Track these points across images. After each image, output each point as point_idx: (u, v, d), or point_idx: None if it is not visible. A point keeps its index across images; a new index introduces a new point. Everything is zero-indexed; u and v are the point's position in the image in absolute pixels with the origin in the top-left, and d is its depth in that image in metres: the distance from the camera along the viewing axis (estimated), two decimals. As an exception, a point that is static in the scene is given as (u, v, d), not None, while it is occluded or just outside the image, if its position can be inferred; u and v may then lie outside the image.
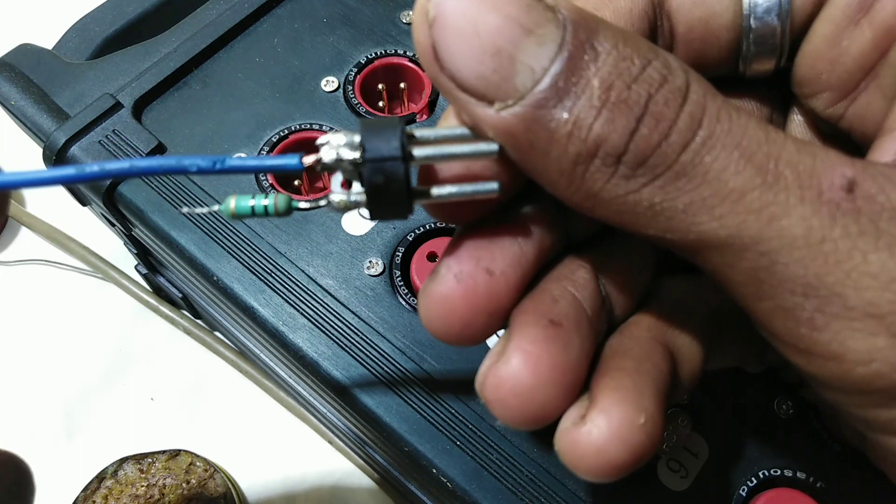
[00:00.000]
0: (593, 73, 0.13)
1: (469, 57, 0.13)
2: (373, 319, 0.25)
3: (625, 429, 0.15)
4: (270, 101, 0.29)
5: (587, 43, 0.13)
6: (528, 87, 0.13)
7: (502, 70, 0.13)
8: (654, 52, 0.13)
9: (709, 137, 0.13)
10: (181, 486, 0.34)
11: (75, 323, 0.41)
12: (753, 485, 0.22)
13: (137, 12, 0.33)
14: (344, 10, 0.32)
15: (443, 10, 0.13)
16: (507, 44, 0.13)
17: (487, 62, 0.13)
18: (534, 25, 0.13)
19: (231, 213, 0.15)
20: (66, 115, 0.29)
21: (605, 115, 0.13)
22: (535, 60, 0.13)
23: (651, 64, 0.13)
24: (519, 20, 0.13)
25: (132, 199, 0.27)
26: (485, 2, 0.13)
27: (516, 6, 0.13)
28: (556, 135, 0.13)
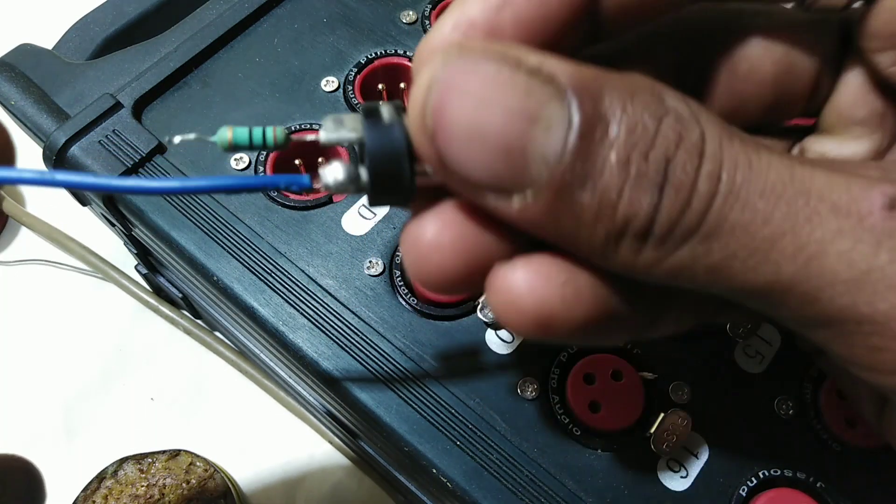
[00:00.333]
0: (609, 148, 0.12)
1: (479, 161, 0.13)
2: (373, 319, 0.25)
3: (540, 281, 0.14)
4: (270, 101, 0.29)
5: (596, 114, 0.12)
6: (545, 175, 0.12)
7: (515, 165, 0.12)
8: (663, 103, 0.13)
9: (730, 192, 0.13)
10: (181, 486, 0.34)
11: (75, 323, 0.41)
12: (753, 485, 0.22)
13: (137, 12, 0.33)
14: (344, 10, 0.32)
15: (441, 121, 0.13)
16: (515, 139, 0.12)
17: (499, 162, 0.12)
18: (537, 111, 0.12)
19: (227, 144, 0.15)
20: (66, 115, 0.29)
21: (627, 193, 0.12)
22: (546, 148, 0.12)
23: (664, 121, 0.12)
24: (521, 110, 0.12)
25: (132, 199, 0.27)
26: (482, 101, 0.12)
27: (515, 95, 0.12)
28: (582, 219, 0.13)
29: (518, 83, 0.12)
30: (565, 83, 0.12)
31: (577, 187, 0.12)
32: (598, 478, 0.22)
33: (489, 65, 0.12)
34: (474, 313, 0.25)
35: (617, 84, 0.13)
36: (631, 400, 0.23)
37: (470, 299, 0.25)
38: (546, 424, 0.23)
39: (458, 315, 0.25)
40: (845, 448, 0.23)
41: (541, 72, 0.12)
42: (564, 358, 0.24)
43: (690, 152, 0.12)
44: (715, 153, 0.13)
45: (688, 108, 0.13)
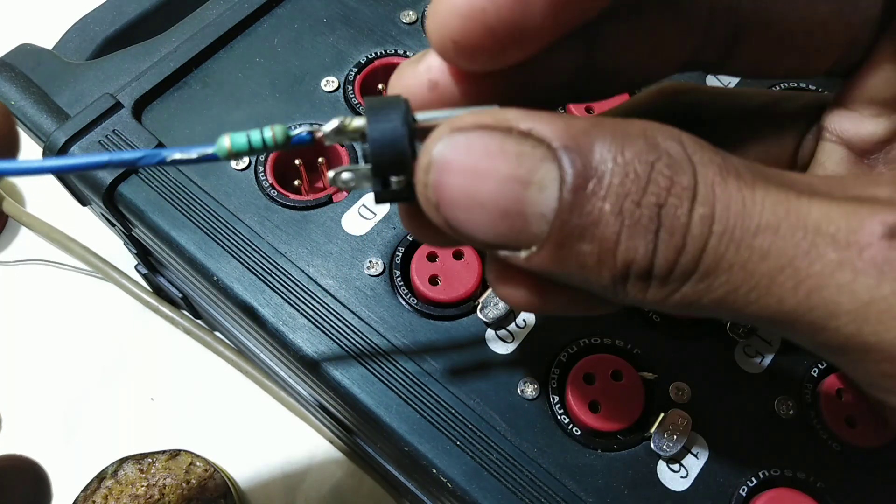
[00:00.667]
0: (602, 199, 0.13)
1: (482, 226, 0.14)
2: (373, 319, 0.25)
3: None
4: (270, 101, 0.29)
5: (587, 169, 0.13)
6: (546, 230, 0.13)
7: (516, 226, 0.13)
8: (655, 147, 0.13)
9: (724, 233, 0.13)
10: (181, 486, 0.34)
11: (75, 323, 0.41)
12: (753, 485, 0.22)
13: (137, 12, 0.33)
14: (344, 10, 0.32)
15: (442, 197, 0.14)
16: (511, 204, 0.13)
17: (500, 225, 0.13)
18: (529, 174, 0.13)
19: (227, 153, 0.15)
20: (66, 115, 0.29)
21: (625, 240, 0.13)
22: (543, 207, 0.13)
23: (655, 167, 0.13)
24: (514, 176, 0.13)
25: (132, 199, 0.27)
26: (476, 174, 0.13)
27: (506, 162, 0.13)
28: (586, 266, 0.13)
29: (508, 151, 0.13)
30: (555, 143, 0.13)
31: (576, 238, 0.13)
32: (598, 478, 0.22)
33: (479, 138, 0.13)
34: (474, 313, 0.25)
35: (608, 134, 0.13)
36: (631, 400, 0.23)
37: (470, 299, 0.25)
38: (546, 424, 0.23)
39: (458, 315, 0.25)
40: (845, 448, 0.23)
41: (531, 135, 0.13)
42: (564, 358, 0.24)
43: (682, 197, 0.13)
44: (707, 196, 0.13)
45: (681, 149, 0.13)
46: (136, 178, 0.27)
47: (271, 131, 0.15)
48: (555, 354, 0.24)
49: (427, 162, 0.14)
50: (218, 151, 0.15)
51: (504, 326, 0.25)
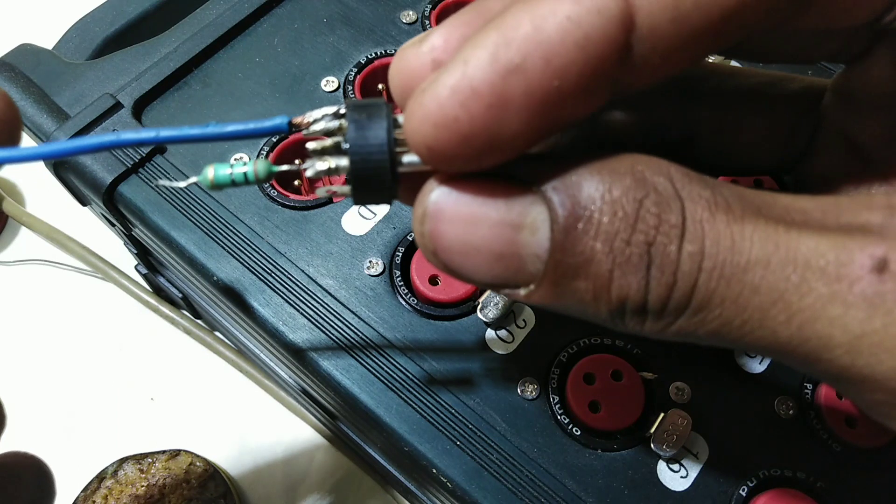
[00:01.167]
0: (593, 238, 0.13)
1: (479, 268, 0.14)
2: (373, 319, 0.25)
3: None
4: (270, 101, 0.29)
5: (576, 209, 0.13)
6: (542, 269, 0.14)
7: (512, 267, 0.14)
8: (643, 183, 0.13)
9: (713, 269, 0.13)
10: (181, 486, 0.34)
11: (75, 323, 0.41)
12: (753, 485, 0.22)
13: (137, 12, 0.33)
14: (344, 10, 0.32)
15: (439, 245, 0.14)
16: (505, 248, 0.14)
17: (497, 267, 0.14)
18: (520, 218, 0.13)
19: (210, 184, 0.15)
20: (66, 115, 0.29)
21: (617, 278, 0.13)
22: (536, 248, 0.13)
23: (643, 204, 0.13)
24: (505, 221, 0.13)
25: (132, 199, 0.27)
26: (469, 221, 0.14)
27: (497, 210, 0.14)
28: (584, 300, 0.14)
29: (497, 200, 0.14)
30: (544, 185, 0.13)
31: (571, 276, 0.14)
32: (598, 478, 0.22)
33: (469, 188, 0.14)
34: (474, 313, 0.25)
35: (595, 172, 0.13)
36: (631, 400, 0.23)
37: (470, 299, 0.25)
38: (546, 424, 0.23)
39: (458, 315, 0.25)
40: (845, 448, 0.23)
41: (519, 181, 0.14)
42: (564, 358, 0.24)
43: (670, 234, 0.13)
44: (696, 233, 0.13)
45: (669, 184, 0.13)
46: (136, 178, 0.27)
47: (254, 167, 0.15)
48: (555, 354, 0.24)
49: (422, 213, 0.14)
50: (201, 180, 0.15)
51: (504, 326, 0.25)
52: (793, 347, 0.13)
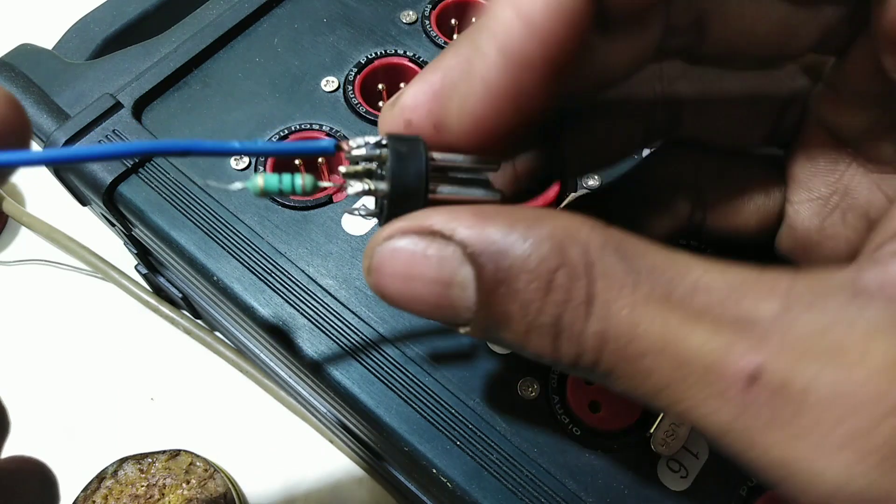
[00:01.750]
0: (511, 302, 0.15)
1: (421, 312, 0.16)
2: (373, 319, 0.25)
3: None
4: (270, 101, 0.29)
5: (498, 273, 0.15)
6: (471, 318, 0.15)
7: (449, 314, 0.16)
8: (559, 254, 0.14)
9: (616, 350, 0.14)
10: (181, 486, 0.34)
11: (75, 323, 0.41)
12: (753, 485, 0.22)
13: (137, 12, 0.33)
14: (344, 10, 0.32)
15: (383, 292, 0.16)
16: (439, 300, 0.15)
17: (435, 313, 0.16)
18: (451, 276, 0.15)
19: (259, 191, 0.16)
20: (66, 115, 0.29)
21: (533, 338, 0.15)
22: (466, 302, 0.15)
23: (556, 277, 0.14)
24: (438, 279, 0.15)
25: (132, 199, 0.27)
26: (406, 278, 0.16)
27: (430, 267, 0.15)
28: (511, 346, 0.15)
29: (431, 256, 0.15)
30: (472, 247, 0.15)
31: (495, 328, 0.15)
32: (598, 478, 0.22)
33: (406, 244, 0.15)
34: (474, 313, 0.25)
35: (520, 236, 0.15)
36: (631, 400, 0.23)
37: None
38: (546, 424, 0.23)
39: (458, 315, 0.25)
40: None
41: (452, 239, 0.15)
42: (564, 358, 0.24)
43: (577, 311, 0.14)
44: (602, 313, 0.14)
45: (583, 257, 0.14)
46: (136, 178, 0.27)
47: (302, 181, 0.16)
48: (555, 354, 0.24)
49: (367, 265, 0.16)
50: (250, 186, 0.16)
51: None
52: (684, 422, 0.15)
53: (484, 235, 0.15)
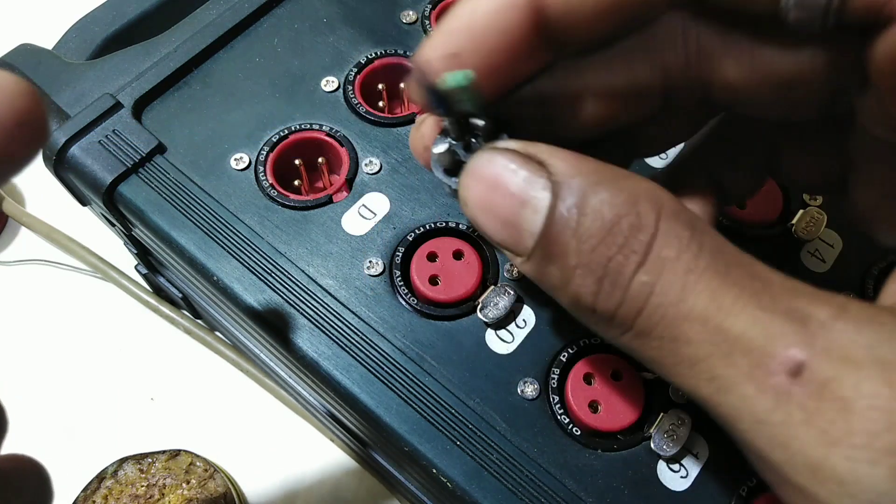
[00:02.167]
0: (572, 236, 0.15)
1: (491, 227, 0.16)
2: (373, 319, 0.25)
3: None
4: (270, 101, 0.29)
5: (572, 206, 0.15)
6: (531, 248, 0.16)
7: (514, 235, 0.16)
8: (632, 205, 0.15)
9: (660, 305, 0.14)
10: (181, 486, 0.34)
11: (75, 323, 0.41)
12: (753, 485, 0.22)
13: (137, 12, 0.33)
14: (344, 10, 0.32)
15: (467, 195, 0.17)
16: (511, 216, 0.16)
17: (503, 231, 0.16)
18: (528, 197, 0.15)
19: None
20: (66, 115, 0.29)
21: (577, 276, 0.15)
22: (532, 226, 0.15)
23: (620, 222, 0.14)
24: (517, 194, 0.16)
25: (132, 199, 0.27)
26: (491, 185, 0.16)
27: (516, 182, 0.16)
28: (554, 287, 0.16)
29: (521, 173, 0.16)
30: (559, 177, 0.15)
31: (549, 260, 0.15)
32: (598, 478, 0.22)
33: (504, 157, 0.16)
34: (474, 313, 0.25)
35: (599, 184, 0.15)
36: (631, 400, 0.23)
37: (470, 299, 0.25)
38: (546, 424, 0.23)
39: (458, 315, 0.25)
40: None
41: (544, 164, 0.15)
42: (564, 358, 0.24)
43: (629, 258, 0.14)
44: (655, 266, 0.14)
45: (654, 215, 0.14)
46: (136, 177, 0.27)
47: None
48: (555, 354, 0.24)
49: (466, 168, 0.17)
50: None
51: (504, 326, 0.25)
52: (710, 406, 0.14)
53: (571, 170, 0.15)
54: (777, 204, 0.27)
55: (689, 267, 0.14)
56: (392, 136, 0.29)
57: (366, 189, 0.28)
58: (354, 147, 0.28)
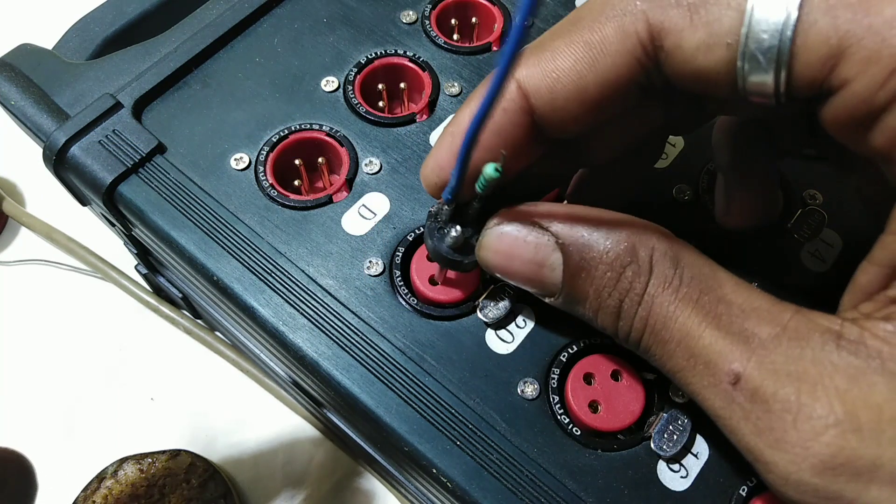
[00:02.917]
0: (589, 285, 0.19)
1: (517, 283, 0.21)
2: (373, 319, 0.25)
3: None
4: (270, 101, 0.29)
5: (580, 263, 0.19)
6: (557, 294, 0.20)
7: (539, 287, 0.21)
8: (632, 254, 0.19)
9: (653, 332, 0.19)
10: (181, 486, 0.34)
11: (75, 323, 0.41)
12: (753, 485, 0.22)
13: (137, 12, 0.33)
14: (344, 10, 0.32)
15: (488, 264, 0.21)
16: (533, 276, 0.20)
17: (528, 284, 0.21)
18: (544, 259, 0.20)
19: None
20: (66, 115, 0.29)
21: (600, 315, 0.20)
22: (555, 280, 0.20)
23: (625, 272, 0.19)
24: (533, 260, 0.20)
25: (132, 199, 0.27)
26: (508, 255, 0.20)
27: (528, 250, 0.20)
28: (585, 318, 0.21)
29: (530, 242, 0.20)
30: (563, 239, 0.19)
31: (575, 303, 0.20)
32: (598, 478, 0.22)
33: (511, 229, 0.20)
34: (474, 313, 0.25)
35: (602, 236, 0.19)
36: (631, 400, 0.23)
37: (470, 299, 0.25)
38: (546, 424, 0.23)
39: (458, 315, 0.25)
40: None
41: (548, 231, 0.20)
42: (564, 358, 0.24)
43: (633, 300, 0.19)
44: (649, 304, 0.19)
45: (648, 259, 0.19)
46: (136, 177, 0.27)
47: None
48: (555, 354, 0.24)
49: (479, 243, 0.21)
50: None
51: (504, 326, 0.25)
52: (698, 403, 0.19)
53: (574, 230, 0.19)
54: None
55: (671, 299, 0.18)
56: (392, 136, 0.29)
57: (366, 189, 0.28)
58: (354, 147, 0.28)
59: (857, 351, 0.16)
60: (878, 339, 0.16)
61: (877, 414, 0.15)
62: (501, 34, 0.31)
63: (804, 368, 0.16)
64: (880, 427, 0.15)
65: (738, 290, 0.18)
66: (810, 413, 0.16)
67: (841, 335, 0.16)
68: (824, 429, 0.16)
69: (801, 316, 0.17)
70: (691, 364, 0.18)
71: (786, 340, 0.17)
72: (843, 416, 0.16)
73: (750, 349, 0.17)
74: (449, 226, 0.22)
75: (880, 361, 0.16)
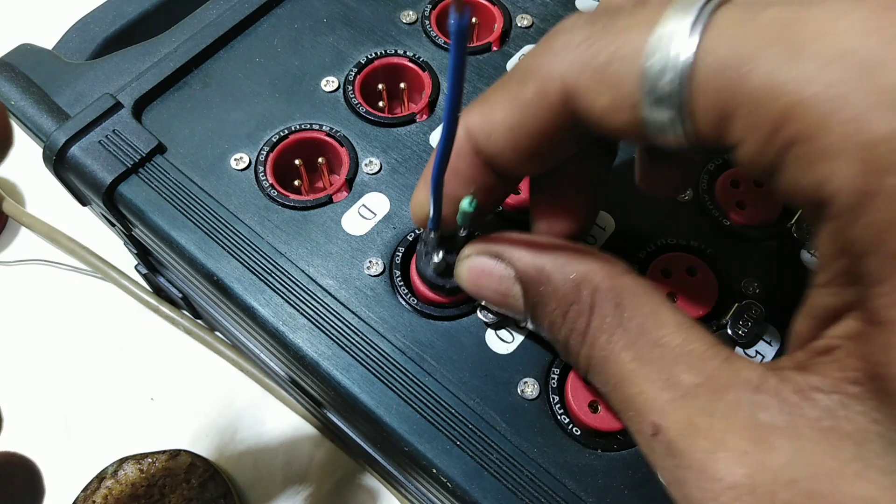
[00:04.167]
0: (544, 317, 0.21)
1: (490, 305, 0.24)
2: (373, 319, 0.25)
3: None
4: (270, 101, 0.29)
5: (535, 296, 0.21)
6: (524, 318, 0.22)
7: (509, 311, 0.22)
8: (576, 294, 0.20)
9: (594, 371, 0.20)
10: (181, 486, 0.34)
11: (75, 323, 0.41)
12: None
13: (137, 12, 0.33)
14: (344, 10, 0.32)
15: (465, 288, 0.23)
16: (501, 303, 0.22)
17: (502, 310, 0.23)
18: (507, 290, 0.21)
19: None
20: (66, 115, 0.29)
21: (557, 346, 0.21)
22: (518, 308, 0.21)
23: (569, 310, 0.20)
24: (498, 291, 0.22)
25: (132, 199, 0.27)
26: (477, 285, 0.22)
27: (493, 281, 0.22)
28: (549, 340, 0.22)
29: (494, 274, 0.21)
30: (521, 272, 0.21)
31: (540, 330, 0.22)
32: (598, 478, 0.22)
33: (479, 262, 0.22)
34: (474, 313, 0.25)
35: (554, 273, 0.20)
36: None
37: (470, 299, 0.25)
38: (546, 424, 0.23)
39: (458, 315, 0.25)
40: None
41: (510, 264, 0.21)
42: (564, 358, 0.24)
43: (577, 337, 0.20)
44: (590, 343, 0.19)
45: (590, 298, 0.19)
46: (136, 178, 0.27)
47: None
48: (555, 354, 0.24)
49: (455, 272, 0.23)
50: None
51: (504, 326, 0.25)
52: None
53: (530, 265, 0.20)
54: (777, 204, 0.27)
55: (608, 341, 0.19)
56: (392, 136, 0.29)
57: (366, 189, 0.28)
58: (354, 147, 0.28)
59: (769, 406, 0.16)
60: (796, 394, 0.16)
61: (772, 477, 0.15)
62: (501, 34, 0.31)
63: (714, 425, 0.17)
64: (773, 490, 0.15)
65: (677, 330, 0.18)
66: (712, 473, 0.16)
67: (759, 388, 0.17)
68: (721, 491, 0.16)
69: (727, 365, 0.17)
70: (625, 408, 0.19)
71: (705, 392, 0.17)
72: (742, 478, 0.16)
73: (673, 399, 0.17)
74: (435, 251, 0.23)
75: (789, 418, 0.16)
